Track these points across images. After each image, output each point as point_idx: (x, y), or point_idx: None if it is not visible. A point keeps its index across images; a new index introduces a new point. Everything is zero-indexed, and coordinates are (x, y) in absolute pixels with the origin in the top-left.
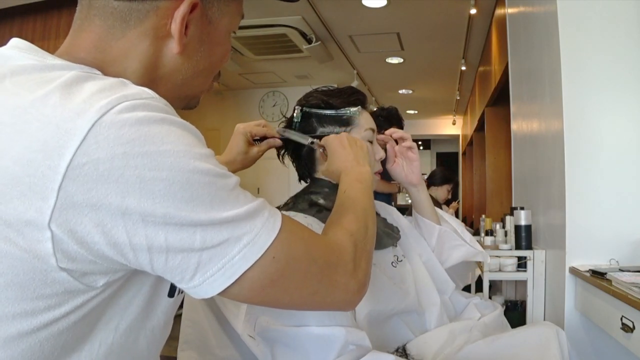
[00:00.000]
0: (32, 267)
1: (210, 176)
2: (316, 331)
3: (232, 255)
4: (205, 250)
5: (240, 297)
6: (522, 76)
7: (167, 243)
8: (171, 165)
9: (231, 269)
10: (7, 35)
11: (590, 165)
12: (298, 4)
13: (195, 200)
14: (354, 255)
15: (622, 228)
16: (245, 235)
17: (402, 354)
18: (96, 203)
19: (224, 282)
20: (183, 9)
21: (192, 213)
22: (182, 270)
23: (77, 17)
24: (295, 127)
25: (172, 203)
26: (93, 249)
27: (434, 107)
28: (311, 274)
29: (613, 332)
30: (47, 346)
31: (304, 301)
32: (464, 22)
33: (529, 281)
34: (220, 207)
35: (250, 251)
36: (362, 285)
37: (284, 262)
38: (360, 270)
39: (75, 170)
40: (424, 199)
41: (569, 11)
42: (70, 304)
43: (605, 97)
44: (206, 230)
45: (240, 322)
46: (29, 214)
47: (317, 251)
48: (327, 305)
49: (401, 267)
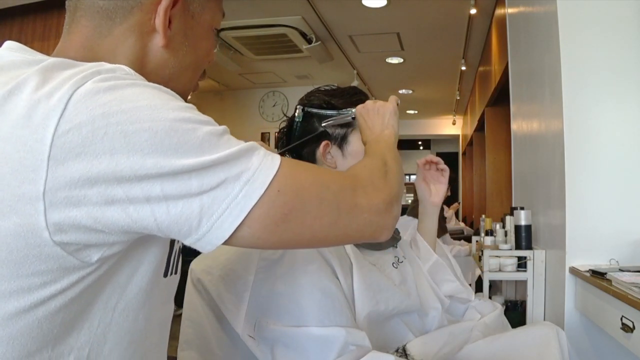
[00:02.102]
0: (26, 243)
1: (194, 123)
2: (316, 331)
3: (235, 194)
4: (205, 194)
5: (255, 240)
6: (522, 76)
7: (164, 193)
8: (151, 116)
9: (236, 207)
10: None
11: (590, 165)
12: (298, 4)
13: (184, 146)
14: (371, 177)
15: (622, 228)
16: (244, 173)
17: (402, 354)
18: (86, 166)
19: (232, 223)
20: (165, 3)
21: (183, 159)
22: (186, 218)
23: (65, 23)
24: (297, 126)
25: (160, 152)
26: (91, 213)
27: (434, 107)
28: (326, 201)
29: (613, 332)
30: (45, 324)
31: (326, 233)
32: (464, 22)
33: (529, 281)
34: (211, 149)
35: (252, 187)
36: (390, 203)
37: (291, 194)
38: (383, 189)
39: (61, 138)
40: (434, 222)
41: (569, 11)
42: (65, 280)
43: (605, 97)
44: (201, 173)
45: (240, 322)
46: (23, 188)
47: (327, 178)
48: (355, 234)
49: (402, 268)
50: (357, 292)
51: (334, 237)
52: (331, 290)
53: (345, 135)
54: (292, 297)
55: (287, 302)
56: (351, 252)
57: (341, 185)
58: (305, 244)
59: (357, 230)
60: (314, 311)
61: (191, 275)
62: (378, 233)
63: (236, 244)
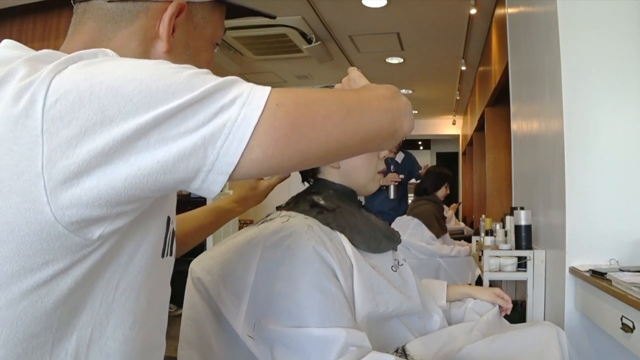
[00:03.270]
0: (27, 222)
1: (178, 67)
2: (316, 332)
3: (233, 118)
4: (204, 126)
5: (271, 158)
6: (522, 76)
7: (162, 136)
8: (133, 70)
9: (239, 130)
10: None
11: (590, 165)
12: (298, 4)
13: (172, 87)
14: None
15: (622, 228)
16: (238, 97)
17: (402, 354)
18: (80, 129)
19: (238, 146)
20: (170, 11)
21: (174, 99)
22: (190, 152)
23: (71, 24)
24: None
25: (150, 97)
26: (92, 179)
27: (434, 107)
28: (329, 100)
29: (613, 332)
30: (49, 304)
31: (343, 132)
32: (464, 22)
33: (529, 281)
34: (200, 84)
35: (250, 108)
36: (395, 92)
37: (291, 103)
38: (380, 87)
39: (50, 110)
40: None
41: (569, 11)
42: (67, 259)
43: (605, 97)
44: (195, 108)
45: (240, 322)
46: (21, 166)
47: (321, 90)
48: (375, 127)
49: (402, 271)
50: (357, 293)
51: (353, 135)
52: (331, 291)
53: None
54: (292, 298)
55: (287, 303)
56: (351, 254)
57: (339, 90)
58: (325, 149)
59: (375, 121)
60: (314, 312)
61: (191, 275)
62: (398, 120)
63: (253, 170)
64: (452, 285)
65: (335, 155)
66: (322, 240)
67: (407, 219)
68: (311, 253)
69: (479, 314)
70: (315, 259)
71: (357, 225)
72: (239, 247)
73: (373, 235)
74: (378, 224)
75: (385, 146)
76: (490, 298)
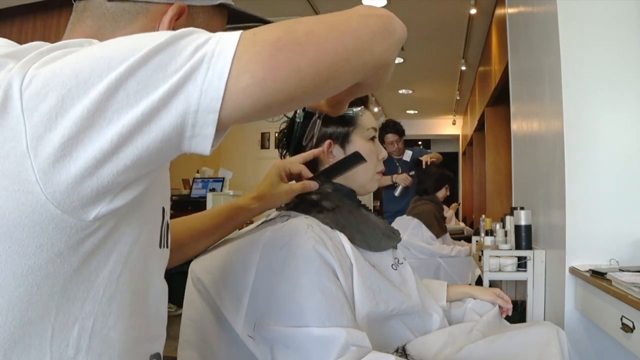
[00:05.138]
0: (18, 204)
1: (158, 33)
2: (316, 332)
3: (210, 53)
4: (182, 68)
5: (263, 82)
6: (522, 76)
7: (141, 84)
8: (110, 39)
9: (217, 61)
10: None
11: (590, 165)
12: (298, 4)
13: (146, 38)
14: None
15: (622, 228)
16: (212, 37)
17: (402, 354)
18: (58, 99)
19: (220, 77)
20: (171, 13)
21: (148, 45)
22: (173, 95)
23: (70, 22)
24: (297, 127)
25: (126, 53)
26: (81, 150)
27: (434, 107)
28: (307, 19)
29: (613, 332)
30: (45, 289)
31: (333, 42)
32: (464, 22)
33: (529, 281)
34: (173, 36)
35: (225, 40)
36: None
37: (269, 29)
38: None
39: (27, 89)
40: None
41: (569, 11)
42: (62, 242)
43: (605, 97)
44: (170, 50)
45: (240, 322)
46: (6, 147)
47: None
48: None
49: (402, 269)
50: (357, 292)
51: (344, 44)
52: (331, 291)
53: (347, 134)
54: (293, 297)
55: (287, 303)
56: (351, 253)
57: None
58: (322, 64)
59: (362, 27)
60: (314, 311)
61: (191, 275)
62: (389, 23)
63: (247, 101)
64: (452, 285)
65: (335, 70)
66: (322, 240)
67: (407, 219)
68: (311, 252)
69: (479, 314)
70: (315, 259)
71: (357, 224)
72: (239, 247)
73: (373, 234)
74: (378, 223)
75: (388, 52)
76: (491, 298)
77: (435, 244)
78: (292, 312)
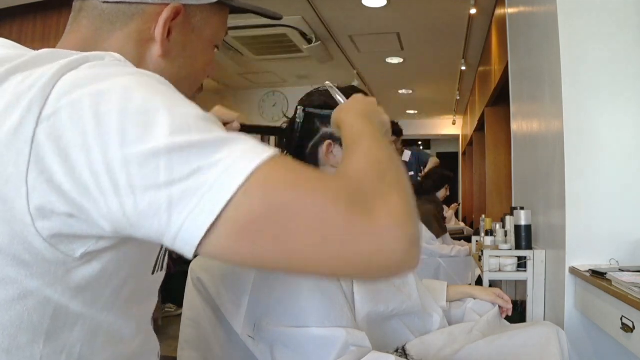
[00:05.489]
0: (11, 229)
1: (169, 102)
2: (316, 332)
3: (209, 185)
4: (175, 185)
5: (224, 250)
6: (522, 76)
7: (129, 182)
8: (124, 96)
9: (210, 201)
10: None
11: (590, 165)
12: (298, 4)
13: (154, 125)
14: (371, 180)
15: (622, 228)
16: (221, 161)
17: (402, 354)
18: (64, 149)
19: (206, 219)
20: (166, 14)
21: (152, 139)
22: (154, 212)
23: (68, 22)
24: (298, 127)
25: (126, 134)
26: (67, 195)
27: (434, 107)
28: (313, 212)
29: (613, 332)
30: (35, 316)
31: (313, 256)
32: (464, 22)
33: (529, 281)
34: (185, 131)
35: (229, 176)
36: (407, 215)
37: (260, 199)
38: (391, 193)
39: (44, 122)
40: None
41: (569, 11)
42: (52, 273)
43: (605, 97)
44: (171, 157)
45: (240, 322)
46: (8, 170)
47: (314, 184)
48: (358, 261)
49: None
50: (357, 293)
51: (323, 260)
52: (331, 291)
53: None
54: (293, 298)
55: (288, 303)
56: None
57: (331, 191)
58: (287, 266)
59: (361, 254)
60: (314, 312)
61: (191, 275)
62: (395, 262)
63: (208, 252)
64: (452, 286)
65: (298, 270)
66: None
67: None
68: None
69: (479, 314)
70: None
71: None
72: None
73: None
74: None
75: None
76: (491, 298)
77: (435, 244)
78: (292, 313)
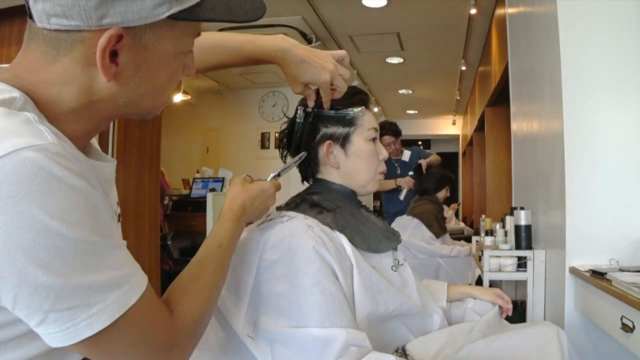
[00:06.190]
0: None
1: (78, 241)
2: (316, 332)
3: (79, 321)
4: (52, 312)
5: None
6: (522, 76)
7: (16, 301)
8: (40, 230)
9: (74, 332)
10: (7, 35)
11: (590, 165)
12: (298, 4)
13: (55, 263)
14: (191, 334)
15: (622, 228)
16: (97, 304)
17: (402, 354)
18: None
19: (65, 341)
20: (102, 42)
21: (49, 276)
22: (28, 318)
23: (25, 36)
24: (298, 127)
25: (30, 264)
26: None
27: (434, 107)
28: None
29: (613, 332)
30: None
31: None
32: (464, 22)
33: (529, 281)
34: (79, 270)
35: (98, 320)
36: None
37: (119, 340)
38: (189, 346)
39: None
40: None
41: (569, 11)
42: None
43: (605, 97)
44: (59, 294)
45: (240, 322)
46: None
47: (154, 334)
48: None
49: (402, 270)
50: (357, 293)
51: None
52: (331, 291)
53: (347, 134)
54: (293, 298)
55: (287, 303)
56: (351, 254)
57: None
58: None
59: None
60: (314, 312)
61: None
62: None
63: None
64: (452, 286)
65: None
66: (322, 240)
67: (407, 219)
68: (311, 253)
69: (479, 314)
70: (315, 259)
71: (357, 225)
72: (239, 247)
73: (373, 235)
74: (378, 224)
75: None
76: (491, 298)
77: (435, 244)
78: (292, 313)
